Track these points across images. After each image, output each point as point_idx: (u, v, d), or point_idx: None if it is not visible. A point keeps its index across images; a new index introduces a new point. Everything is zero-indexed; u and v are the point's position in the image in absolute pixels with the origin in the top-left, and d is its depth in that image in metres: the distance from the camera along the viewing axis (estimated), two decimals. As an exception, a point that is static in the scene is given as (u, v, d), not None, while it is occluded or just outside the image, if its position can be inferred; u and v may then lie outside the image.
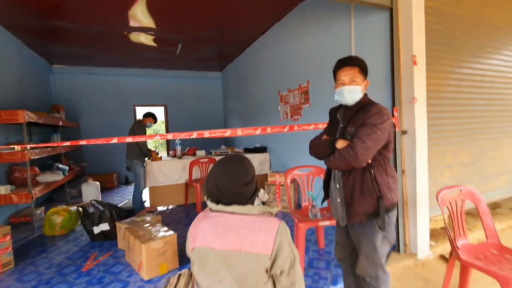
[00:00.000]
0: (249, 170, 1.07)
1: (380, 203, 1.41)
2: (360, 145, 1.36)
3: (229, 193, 1.02)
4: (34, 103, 5.28)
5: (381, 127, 1.39)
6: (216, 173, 1.05)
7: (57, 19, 4.05)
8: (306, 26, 3.86)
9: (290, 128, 1.98)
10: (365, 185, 1.44)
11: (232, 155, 1.09)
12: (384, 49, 2.66)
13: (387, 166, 1.48)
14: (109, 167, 6.98)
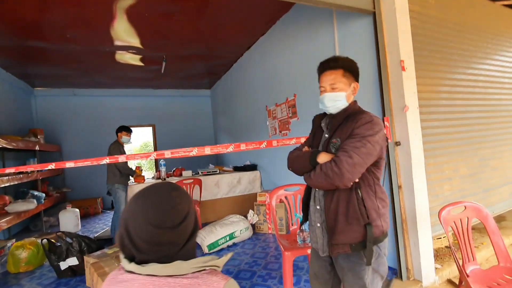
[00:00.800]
0: (179, 205, 0.71)
1: (368, 232, 1.15)
2: (346, 160, 1.11)
3: (146, 244, 0.67)
4: (11, 127, 5.02)
5: (372, 140, 1.14)
6: (128, 213, 0.71)
7: (34, 39, 3.88)
8: (290, 38, 3.74)
9: (268, 144, 1.75)
10: (351, 209, 1.18)
11: (156, 184, 0.75)
12: (370, 55, 2.49)
13: (377, 186, 1.23)
14: (93, 191, 6.62)
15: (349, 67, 1.30)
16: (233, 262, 2.93)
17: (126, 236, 0.69)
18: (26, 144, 4.31)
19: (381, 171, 1.24)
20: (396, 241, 2.31)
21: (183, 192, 0.75)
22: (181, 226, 0.69)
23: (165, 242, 0.68)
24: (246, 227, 3.59)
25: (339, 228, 1.19)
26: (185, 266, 0.68)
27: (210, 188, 4.67)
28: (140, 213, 0.68)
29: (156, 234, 0.67)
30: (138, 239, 0.67)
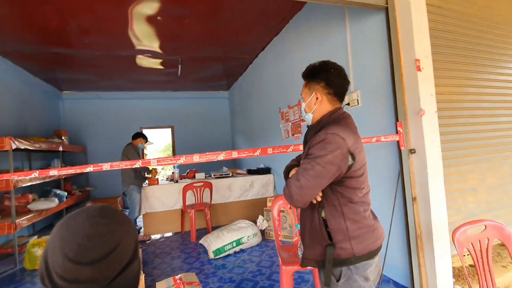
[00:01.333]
0: (106, 235, 0.58)
1: (328, 253, 1.11)
2: (293, 183, 1.09)
3: (62, 280, 0.56)
4: (38, 129, 5.33)
5: (321, 161, 1.05)
6: (48, 241, 0.59)
7: (57, 45, 4.08)
8: (302, 38, 3.60)
9: (263, 152, 1.65)
10: (313, 227, 1.17)
11: (84, 208, 0.63)
12: (383, 55, 2.31)
13: (345, 207, 1.12)
14: (114, 191, 6.86)
15: (311, 75, 1.24)
16: (237, 270, 2.84)
17: (44, 268, 0.57)
18: (50, 145, 4.53)
19: (355, 190, 1.13)
20: (410, 258, 2.10)
21: (116, 219, 0.62)
22: (106, 261, 0.57)
23: (84, 280, 0.55)
24: (254, 233, 3.49)
25: (306, 243, 1.21)
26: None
27: (222, 191, 4.63)
28: (58, 243, 0.57)
29: (73, 270, 0.55)
30: (54, 273, 0.56)
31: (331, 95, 1.21)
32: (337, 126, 1.12)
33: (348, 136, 1.09)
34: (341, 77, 1.21)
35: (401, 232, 2.24)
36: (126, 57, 4.75)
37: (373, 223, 1.16)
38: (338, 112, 1.22)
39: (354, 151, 1.08)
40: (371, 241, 1.13)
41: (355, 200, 1.13)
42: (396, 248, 2.30)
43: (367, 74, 2.51)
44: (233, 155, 1.61)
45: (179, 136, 7.67)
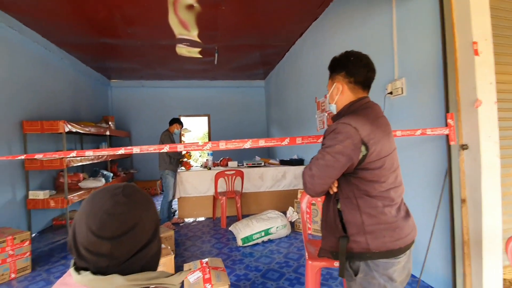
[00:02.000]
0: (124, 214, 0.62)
1: (340, 245, 1.10)
2: (307, 172, 1.11)
3: (85, 251, 0.60)
4: (89, 115, 5.82)
5: (331, 151, 1.04)
6: (77, 214, 0.65)
7: (104, 36, 4.35)
8: (343, 22, 3.36)
9: (291, 141, 1.57)
10: (328, 218, 1.16)
11: (108, 187, 0.66)
12: (434, 37, 2.04)
13: (360, 200, 1.08)
14: (155, 174, 7.28)
15: (332, 66, 1.22)
16: (264, 259, 2.84)
17: (72, 238, 0.64)
18: (98, 130, 4.92)
19: (372, 183, 1.07)
20: (453, 266, 1.89)
21: (137, 199, 0.65)
22: (123, 238, 0.60)
23: (103, 253, 0.59)
24: (283, 225, 3.45)
25: (323, 234, 1.21)
26: (120, 281, 0.58)
27: (254, 180, 4.64)
28: (84, 215, 0.62)
29: (94, 242, 0.59)
30: (79, 243, 0.61)
31: (353, 84, 1.16)
32: (351, 116, 1.09)
33: (362, 126, 1.04)
34: (361, 65, 1.16)
35: (445, 237, 2.03)
36: (167, 46, 4.91)
37: (394, 220, 1.08)
38: (361, 101, 1.16)
39: (369, 142, 1.03)
40: (390, 239, 1.06)
41: (373, 194, 1.07)
42: (438, 254, 2.09)
43: (414, 60, 2.26)
44: (260, 143, 1.56)
45: (215, 125, 7.84)
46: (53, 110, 4.45)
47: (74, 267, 0.63)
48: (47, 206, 3.56)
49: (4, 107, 3.36)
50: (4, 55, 3.43)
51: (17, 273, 2.56)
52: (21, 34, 3.71)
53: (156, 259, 0.68)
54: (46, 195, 3.59)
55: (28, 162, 3.57)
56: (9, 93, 3.46)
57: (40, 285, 2.43)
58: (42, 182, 4.06)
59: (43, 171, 4.08)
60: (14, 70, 3.59)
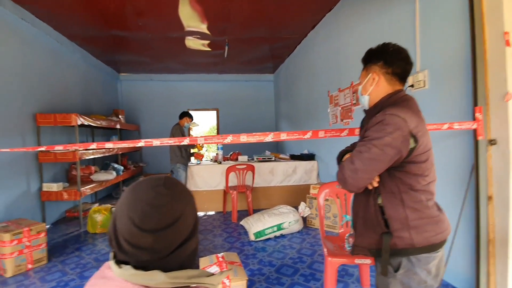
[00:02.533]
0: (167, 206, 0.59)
1: (384, 241, 1.05)
2: (347, 166, 1.05)
3: (126, 243, 0.58)
4: (99, 108, 5.84)
5: (379, 143, 0.99)
6: (117, 205, 0.63)
7: (115, 28, 4.32)
8: (359, 12, 3.26)
9: (314, 134, 1.51)
10: (367, 214, 1.11)
11: (149, 178, 0.64)
12: (461, 27, 1.95)
13: (405, 195, 1.05)
14: (164, 167, 7.31)
15: (369, 56, 1.18)
16: (277, 255, 2.82)
17: (112, 229, 0.61)
18: (109, 123, 4.93)
19: (417, 176, 1.04)
20: (477, 265, 1.83)
21: (179, 192, 0.62)
22: (166, 232, 0.58)
23: (144, 246, 0.57)
24: (295, 220, 3.42)
25: (358, 231, 1.17)
26: (162, 278, 0.56)
27: (264, 175, 4.60)
28: (126, 207, 0.59)
29: (136, 235, 0.57)
30: (120, 235, 0.59)
31: (390, 75, 1.12)
32: (396, 107, 1.04)
33: (409, 117, 1.01)
34: (401, 57, 1.12)
35: (468, 235, 1.96)
36: (177, 39, 4.86)
37: (437, 214, 1.08)
38: (399, 94, 1.12)
39: (417, 134, 1.00)
40: (433, 233, 1.05)
41: (416, 188, 1.05)
42: (460, 252, 2.03)
43: (438, 51, 2.17)
44: (282, 137, 1.51)
45: (223, 119, 7.80)
46: (65, 103, 4.46)
47: (115, 260, 0.60)
48: (60, 198, 3.60)
49: (18, 100, 3.38)
50: (18, 47, 3.43)
51: (33, 263, 2.59)
52: (34, 26, 3.71)
53: (194, 257, 0.65)
54: (59, 187, 3.62)
55: (42, 155, 3.60)
56: (23, 86, 3.47)
57: (56, 276, 2.45)
58: (55, 174, 4.10)
59: (56, 164, 4.11)
60: (28, 63, 3.59)
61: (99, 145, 1.76)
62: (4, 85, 3.17)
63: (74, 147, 1.87)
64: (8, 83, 3.22)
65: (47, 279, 2.40)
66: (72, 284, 2.32)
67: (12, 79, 3.29)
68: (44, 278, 2.42)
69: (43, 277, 2.44)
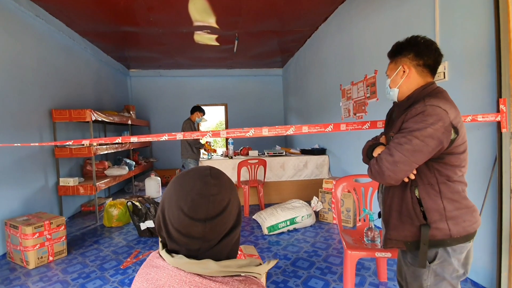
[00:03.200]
0: (216, 195, 0.60)
1: (422, 233, 1.05)
2: (386, 158, 1.04)
3: (176, 232, 0.60)
4: (111, 104, 5.90)
5: (420, 134, 0.98)
6: (165, 194, 0.65)
7: (126, 24, 4.34)
8: (375, 2, 3.19)
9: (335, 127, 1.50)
10: (404, 207, 1.10)
11: (196, 168, 0.66)
12: (484, 18, 1.90)
13: (443, 186, 1.05)
14: (174, 163, 7.39)
15: (400, 48, 1.15)
16: (292, 248, 2.83)
17: (161, 219, 0.63)
18: (121, 119, 4.98)
19: (454, 168, 1.05)
20: (499, 259, 1.80)
21: (224, 182, 0.63)
22: (216, 220, 0.59)
23: (196, 235, 0.59)
24: (308, 214, 3.42)
25: (392, 224, 1.14)
26: (214, 267, 0.57)
27: (275, 169, 4.61)
28: (174, 197, 0.61)
29: (187, 224, 0.58)
30: (170, 225, 0.61)
31: (421, 67, 1.11)
32: (435, 98, 1.03)
33: (449, 109, 1.01)
34: (432, 48, 1.11)
35: (490, 229, 1.93)
36: (186, 34, 4.86)
37: (472, 204, 1.11)
38: (432, 86, 1.11)
39: (457, 125, 1.01)
40: (469, 223, 1.06)
41: (454, 179, 1.06)
42: (480, 246, 2.00)
43: (460, 42, 2.12)
44: (303, 130, 1.50)
45: (232, 114, 7.80)
46: (79, 99, 4.52)
47: (165, 250, 0.62)
48: (77, 192, 3.67)
49: (35, 96, 3.43)
50: (33, 44, 3.47)
51: (54, 256, 2.66)
52: (48, 23, 3.74)
53: (237, 247, 0.66)
54: (75, 182, 3.69)
55: (58, 150, 3.67)
56: (38, 82, 3.53)
57: (78, 268, 2.51)
58: (70, 169, 4.17)
59: (71, 159, 4.19)
60: (42, 59, 3.64)
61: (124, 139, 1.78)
62: (21, 81, 3.22)
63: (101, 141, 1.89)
64: (25, 79, 3.28)
65: (69, 271, 2.47)
66: (93, 275, 2.38)
67: (28, 76, 3.35)
68: (66, 270, 2.48)
69: (65, 269, 2.50)
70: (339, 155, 4.37)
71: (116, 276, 2.36)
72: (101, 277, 2.36)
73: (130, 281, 2.28)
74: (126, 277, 2.35)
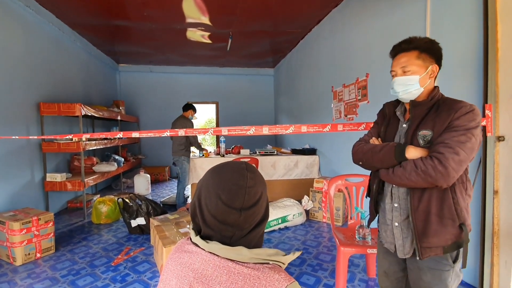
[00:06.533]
0: (252, 187, 0.64)
1: (464, 231, 1.07)
2: (452, 157, 0.97)
3: (213, 219, 0.64)
4: (99, 99, 5.77)
5: (475, 133, 1.01)
6: (202, 183, 0.68)
7: (118, 18, 4.25)
8: (368, 7, 3.28)
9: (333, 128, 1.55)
10: (445, 209, 1.06)
11: (233, 161, 0.71)
12: (473, 26, 2.00)
13: (468, 183, 1.10)
14: (163, 160, 7.31)
15: (427, 48, 1.13)
16: (283, 246, 2.87)
17: (197, 206, 0.67)
18: (110, 114, 4.89)
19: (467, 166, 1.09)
20: (482, 256, 1.91)
21: (258, 176, 0.68)
22: (250, 210, 0.64)
23: (231, 222, 0.63)
24: (299, 213, 3.48)
25: (432, 230, 1.07)
26: (247, 254, 0.62)
27: (266, 168, 4.65)
28: (212, 186, 0.65)
29: (224, 211, 0.62)
30: (207, 211, 0.64)
31: (435, 74, 1.16)
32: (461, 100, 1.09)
33: None
34: (441, 59, 1.17)
35: (474, 228, 2.04)
36: (180, 31, 4.82)
37: None
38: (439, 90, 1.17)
39: None
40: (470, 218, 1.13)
41: (467, 176, 1.11)
42: (463, 243, 2.11)
43: (449, 49, 2.21)
44: (302, 130, 1.54)
45: (222, 112, 7.79)
46: (67, 93, 4.40)
47: (200, 235, 0.67)
48: (64, 188, 3.58)
49: (21, 88, 3.32)
50: (21, 34, 3.36)
51: (42, 253, 2.59)
52: (38, 14, 3.63)
53: (262, 239, 0.71)
54: (63, 177, 3.59)
55: (46, 145, 3.56)
56: (26, 74, 3.41)
57: (66, 265, 2.46)
58: (57, 165, 4.06)
59: (58, 154, 4.08)
60: (30, 50, 3.52)
61: (126, 134, 1.76)
62: (9, 72, 3.11)
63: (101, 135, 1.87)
64: (12, 70, 3.17)
65: (58, 268, 2.41)
66: (83, 272, 2.34)
67: (16, 67, 3.24)
68: (54, 267, 2.43)
69: (53, 266, 2.45)
70: (329, 156, 4.46)
71: (107, 273, 2.33)
72: (91, 274, 2.32)
73: (122, 278, 2.26)
74: (118, 273, 2.32)
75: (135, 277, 2.27)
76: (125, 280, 2.23)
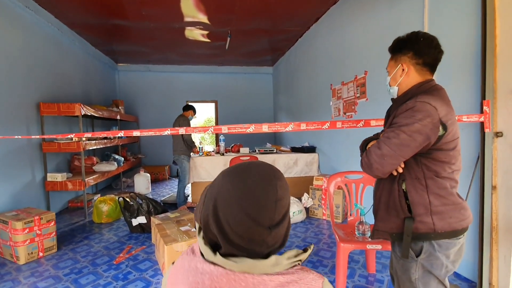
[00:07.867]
0: (282, 200, 0.56)
1: (406, 225, 1.09)
2: (374, 151, 1.08)
3: (237, 237, 0.54)
4: (98, 98, 5.77)
5: (408, 129, 1.02)
6: (219, 189, 0.57)
7: (116, 17, 4.25)
8: (366, 5, 3.29)
9: (332, 125, 1.57)
10: (391, 200, 1.14)
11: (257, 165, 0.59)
12: (471, 22, 2.01)
13: (430, 181, 1.08)
14: (163, 159, 7.32)
15: (397, 47, 1.18)
16: (284, 243, 2.89)
17: (212, 218, 0.56)
18: (110, 113, 4.89)
19: (443, 164, 1.07)
20: (481, 251, 1.93)
21: (286, 183, 0.58)
22: (279, 226, 0.55)
23: (258, 241, 0.54)
24: (299, 210, 3.50)
25: (380, 215, 1.19)
26: (283, 261, 0.56)
27: (267, 166, 4.65)
28: (235, 196, 0.54)
29: (251, 227, 0.53)
30: (229, 228, 0.54)
31: (420, 66, 1.14)
32: (428, 95, 1.06)
33: (440, 106, 1.04)
34: (432, 46, 1.13)
35: (473, 223, 2.05)
36: (178, 30, 4.81)
37: (460, 201, 1.12)
38: (430, 83, 1.14)
39: (446, 122, 1.04)
40: (456, 219, 1.08)
41: (442, 175, 1.08)
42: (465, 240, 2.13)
43: (447, 45, 2.19)
44: (302, 127, 1.56)
45: (221, 111, 7.79)
46: (66, 92, 4.40)
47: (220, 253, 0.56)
48: (65, 188, 3.59)
49: (21, 88, 3.32)
50: (20, 34, 3.36)
51: (44, 252, 2.61)
52: (37, 14, 3.62)
53: None
54: (64, 177, 3.60)
55: (46, 145, 3.57)
56: (26, 74, 3.42)
57: (69, 264, 2.48)
58: (57, 164, 4.07)
59: (59, 154, 4.08)
60: (31, 50, 3.52)
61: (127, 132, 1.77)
62: (8, 72, 3.12)
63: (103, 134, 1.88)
64: (12, 70, 3.17)
65: (60, 266, 2.43)
66: (86, 271, 2.36)
67: (15, 66, 3.24)
68: (57, 265, 2.45)
69: (56, 265, 2.46)
70: (328, 153, 4.47)
71: (109, 272, 2.34)
72: (93, 272, 2.34)
73: (124, 276, 2.27)
74: (120, 272, 2.34)
75: (137, 275, 2.28)
76: (127, 278, 2.24)
